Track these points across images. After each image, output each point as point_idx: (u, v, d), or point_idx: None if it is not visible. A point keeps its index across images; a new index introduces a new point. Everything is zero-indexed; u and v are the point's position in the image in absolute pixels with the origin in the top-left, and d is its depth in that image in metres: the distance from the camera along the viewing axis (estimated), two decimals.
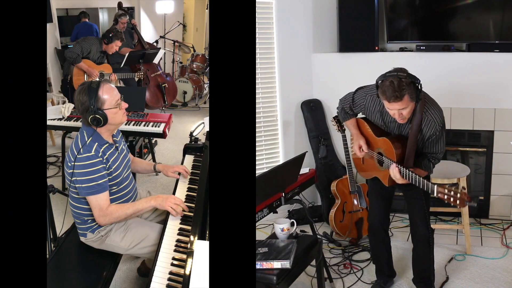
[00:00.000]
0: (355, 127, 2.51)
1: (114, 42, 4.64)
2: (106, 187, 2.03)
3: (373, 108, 2.33)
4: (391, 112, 2.14)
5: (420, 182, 2.09)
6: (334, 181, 3.35)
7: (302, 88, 3.78)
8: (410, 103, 2.07)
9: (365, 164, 2.57)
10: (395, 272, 2.72)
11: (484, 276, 2.75)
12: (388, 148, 2.29)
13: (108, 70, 4.72)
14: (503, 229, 3.35)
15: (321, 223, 3.61)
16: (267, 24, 3.62)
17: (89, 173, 1.97)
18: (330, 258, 3.07)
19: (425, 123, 2.18)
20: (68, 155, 2.04)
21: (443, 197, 1.97)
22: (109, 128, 2.12)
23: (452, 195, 1.93)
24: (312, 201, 3.81)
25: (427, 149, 2.28)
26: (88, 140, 2.02)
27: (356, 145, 2.46)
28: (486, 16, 3.29)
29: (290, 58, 3.70)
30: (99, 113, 2.02)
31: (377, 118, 2.35)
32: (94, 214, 2.04)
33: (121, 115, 2.13)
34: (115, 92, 2.10)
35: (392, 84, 2.01)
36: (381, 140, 2.35)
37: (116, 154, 2.15)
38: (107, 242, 2.14)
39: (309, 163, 3.65)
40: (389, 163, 2.26)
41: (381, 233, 2.59)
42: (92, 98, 2.00)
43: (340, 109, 2.57)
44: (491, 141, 3.44)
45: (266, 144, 3.76)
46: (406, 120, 2.17)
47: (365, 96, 2.35)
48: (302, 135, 3.81)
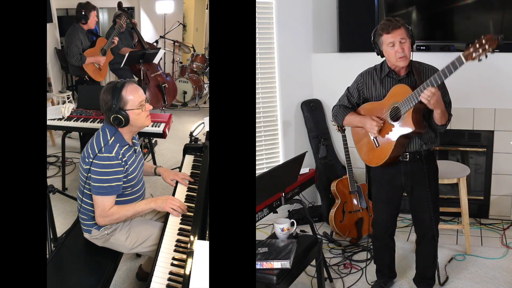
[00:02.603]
0: (355, 115, 2.44)
1: (90, 15, 4.54)
2: (117, 190, 2.03)
3: (372, 81, 2.39)
4: (393, 46, 2.21)
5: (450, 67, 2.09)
6: (334, 181, 3.35)
7: (302, 88, 3.78)
8: (407, 37, 2.21)
9: (369, 151, 2.45)
10: (395, 273, 2.72)
11: (484, 276, 2.75)
12: (401, 91, 2.23)
13: (103, 41, 4.73)
14: (503, 229, 3.35)
15: (321, 223, 3.61)
16: (267, 24, 3.62)
17: (105, 174, 1.97)
18: (330, 258, 3.07)
19: (425, 74, 2.26)
20: (87, 150, 2.03)
21: (472, 56, 1.97)
22: (131, 130, 2.11)
23: (478, 48, 1.96)
24: (312, 201, 3.81)
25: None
26: (111, 140, 2.01)
27: (368, 123, 2.33)
28: (486, 16, 3.29)
29: (290, 58, 3.70)
30: (121, 113, 2.01)
31: (378, 89, 2.37)
32: (96, 213, 2.04)
33: (144, 117, 2.10)
34: (140, 93, 2.08)
35: (389, 20, 2.24)
36: (387, 97, 2.30)
37: (134, 156, 2.16)
38: (112, 241, 2.14)
39: (309, 163, 3.65)
40: (414, 93, 2.15)
41: (386, 240, 2.58)
42: (115, 97, 2.00)
43: (335, 109, 2.52)
44: (491, 141, 3.44)
45: (266, 144, 3.76)
46: (407, 61, 2.23)
47: (360, 76, 2.45)
48: (302, 135, 3.81)
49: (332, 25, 3.71)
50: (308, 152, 2.78)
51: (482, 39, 1.92)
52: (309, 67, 3.77)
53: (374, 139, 2.38)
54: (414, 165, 2.36)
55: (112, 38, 4.79)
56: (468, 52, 1.98)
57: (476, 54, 1.96)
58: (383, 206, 2.52)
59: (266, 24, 3.62)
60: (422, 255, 2.53)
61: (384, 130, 2.33)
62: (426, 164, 2.36)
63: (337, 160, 3.73)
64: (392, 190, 2.46)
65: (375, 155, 2.40)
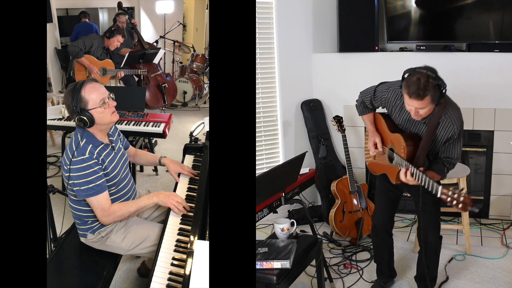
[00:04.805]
0: (372, 123, 2.48)
1: (116, 36, 4.65)
2: (105, 187, 2.02)
3: (394, 102, 2.29)
4: (408, 108, 2.11)
5: (427, 182, 2.05)
6: (334, 181, 3.35)
7: (302, 88, 3.78)
8: (430, 104, 2.03)
9: (376, 159, 2.54)
10: (395, 272, 2.72)
11: (484, 276, 2.75)
12: (400, 144, 2.25)
13: (110, 66, 4.71)
14: (503, 229, 3.34)
15: (321, 223, 3.61)
16: (267, 24, 3.62)
17: (86, 176, 1.95)
18: (330, 258, 3.07)
19: (443, 126, 2.14)
20: (64, 159, 2.02)
21: (446, 199, 1.95)
22: (100, 129, 2.07)
23: (455, 198, 1.92)
24: (312, 201, 3.81)
25: (443, 153, 2.23)
26: (82, 142, 1.99)
27: (371, 142, 2.45)
28: (486, 16, 3.29)
29: (290, 58, 3.70)
30: (84, 114, 1.98)
31: (396, 114, 2.32)
32: (97, 214, 2.03)
33: (109, 114, 2.05)
34: (101, 91, 2.03)
35: (419, 81, 1.98)
36: (394, 135, 2.32)
37: (113, 154, 2.12)
38: (108, 243, 2.13)
39: (309, 163, 3.65)
40: (401, 162, 2.21)
41: (384, 235, 2.58)
42: (75, 99, 1.97)
43: (360, 102, 2.51)
44: (491, 141, 3.44)
45: (266, 144, 3.76)
46: (421, 118, 2.14)
47: (388, 89, 2.31)
48: (302, 135, 3.81)
49: (332, 25, 3.71)
50: (308, 152, 2.78)
51: (462, 196, 1.90)
52: (309, 67, 3.77)
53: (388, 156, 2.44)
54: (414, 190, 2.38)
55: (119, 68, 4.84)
56: (445, 191, 1.96)
57: (448, 200, 1.95)
58: (382, 201, 2.55)
59: (266, 24, 3.61)
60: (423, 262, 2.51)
61: (380, 156, 2.47)
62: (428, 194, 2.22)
63: (337, 160, 3.73)
64: (393, 190, 2.49)
65: (390, 171, 2.41)
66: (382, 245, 2.62)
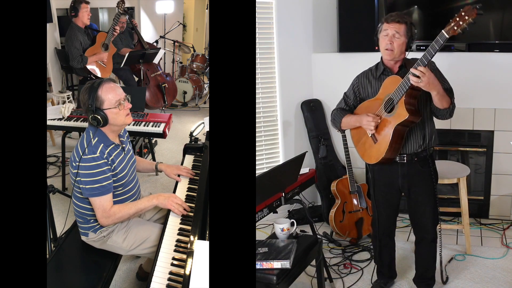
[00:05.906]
0: (352, 115, 2.43)
1: (80, 7, 4.28)
2: (110, 189, 2.02)
3: (367, 80, 2.39)
4: (384, 34, 2.21)
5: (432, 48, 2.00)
6: (334, 181, 3.35)
7: (302, 88, 3.78)
8: (403, 36, 2.18)
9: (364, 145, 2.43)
10: (396, 273, 2.72)
11: (484, 276, 2.75)
12: (394, 80, 2.20)
13: (103, 36, 4.52)
14: (503, 229, 3.34)
15: (321, 223, 3.61)
16: (267, 24, 3.62)
17: (93, 175, 1.96)
18: (330, 258, 3.07)
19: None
20: (73, 155, 2.03)
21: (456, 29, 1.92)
22: (112, 129, 2.08)
23: (459, 19, 1.91)
24: (312, 201, 3.81)
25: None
26: (94, 141, 2.00)
27: (365, 120, 2.29)
28: (486, 16, 3.29)
29: (290, 58, 3.70)
30: (98, 113, 1.99)
31: (374, 86, 2.36)
32: (97, 215, 2.03)
33: (123, 116, 2.06)
34: (117, 92, 2.05)
35: (398, 12, 2.26)
36: (382, 87, 2.27)
37: (123, 155, 2.13)
38: (109, 243, 2.13)
39: (309, 163, 3.65)
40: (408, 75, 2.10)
41: (386, 239, 2.58)
42: (91, 97, 1.98)
43: (334, 112, 2.51)
44: (491, 141, 3.44)
45: (266, 144, 3.76)
46: (392, 55, 2.22)
47: (356, 78, 2.46)
48: (302, 135, 3.81)
49: (332, 25, 3.71)
50: (308, 152, 2.78)
51: (462, 12, 1.90)
52: (309, 67, 3.77)
53: (372, 136, 2.34)
54: (411, 167, 2.35)
55: (113, 29, 4.53)
56: (449, 27, 1.94)
57: (458, 28, 1.92)
58: (382, 208, 2.51)
59: (266, 24, 3.61)
60: (421, 257, 2.53)
61: (381, 125, 2.29)
62: (424, 167, 2.35)
63: (337, 160, 3.73)
64: (390, 192, 2.46)
65: (374, 151, 2.34)
66: (384, 249, 2.61)
